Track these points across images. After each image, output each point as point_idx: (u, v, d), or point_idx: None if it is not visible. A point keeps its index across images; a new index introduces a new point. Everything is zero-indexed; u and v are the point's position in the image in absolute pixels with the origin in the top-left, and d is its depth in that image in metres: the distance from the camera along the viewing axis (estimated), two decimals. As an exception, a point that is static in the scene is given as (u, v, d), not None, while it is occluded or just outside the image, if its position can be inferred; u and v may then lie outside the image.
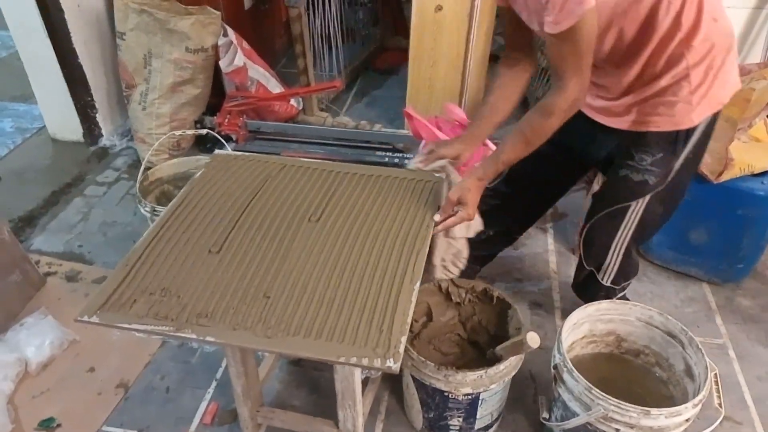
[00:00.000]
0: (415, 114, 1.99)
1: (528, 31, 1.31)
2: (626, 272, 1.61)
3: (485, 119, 1.43)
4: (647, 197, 1.38)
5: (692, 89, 1.26)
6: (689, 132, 1.31)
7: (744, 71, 1.88)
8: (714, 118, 1.33)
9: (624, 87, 1.32)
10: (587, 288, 1.70)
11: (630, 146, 1.35)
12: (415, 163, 1.49)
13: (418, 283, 1.13)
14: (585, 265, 1.62)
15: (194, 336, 1.04)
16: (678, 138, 1.31)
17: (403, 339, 1.02)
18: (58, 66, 2.57)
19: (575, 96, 1.20)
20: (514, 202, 1.68)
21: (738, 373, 1.73)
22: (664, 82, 1.27)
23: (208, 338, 1.04)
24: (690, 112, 1.28)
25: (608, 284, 1.60)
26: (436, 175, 1.42)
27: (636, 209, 1.41)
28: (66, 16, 2.46)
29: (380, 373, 1.52)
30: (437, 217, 1.30)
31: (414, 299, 1.09)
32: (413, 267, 1.17)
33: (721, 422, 1.33)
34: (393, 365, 0.98)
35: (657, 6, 1.19)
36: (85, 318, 1.07)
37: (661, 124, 1.30)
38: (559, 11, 1.09)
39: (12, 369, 1.66)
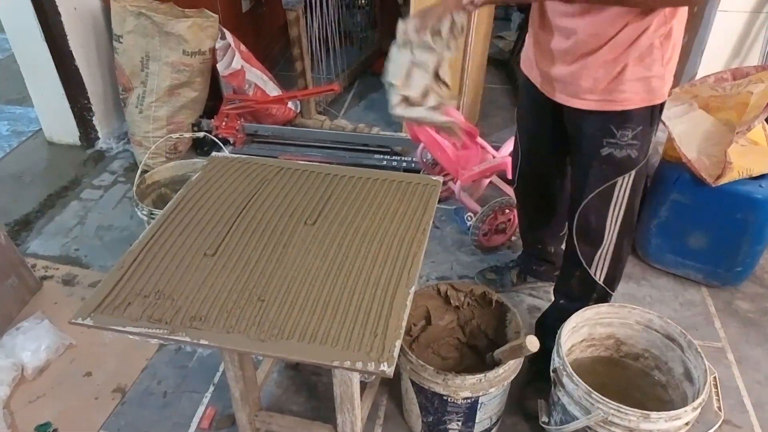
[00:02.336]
0: (412, 117, 1.98)
1: None
2: (615, 270, 1.54)
3: None
4: (632, 172, 1.38)
5: (664, 63, 1.27)
6: (662, 106, 1.34)
7: (742, 74, 1.88)
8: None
9: (606, 40, 1.26)
10: (573, 297, 1.60)
11: (610, 124, 1.35)
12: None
13: (413, 288, 1.12)
14: (579, 254, 1.52)
15: (188, 339, 1.04)
16: (654, 111, 1.33)
17: (398, 343, 1.01)
18: (54, 69, 2.57)
19: None
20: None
21: (737, 377, 1.73)
22: (640, 47, 1.24)
23: (202, 341, 1.03)
24: (663, 87, 1.30)
25: (601, 282, 1.53)
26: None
27: (623, 186, 1.40)
28: (63, 19, 2.46)
29: (377, 377, 1.52)
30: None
31: (409, 303, 1.09)
32: (408, 271, 1.16)
33: (720, 426, 1.33)
34: (387, 369, 0.97)
35: None
36: (79, 320, 1.07)
37: (639, 100, 1.30)
38: None
39: (8, 373, 1.65)
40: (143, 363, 1.75)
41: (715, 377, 1.35)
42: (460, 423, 1.42)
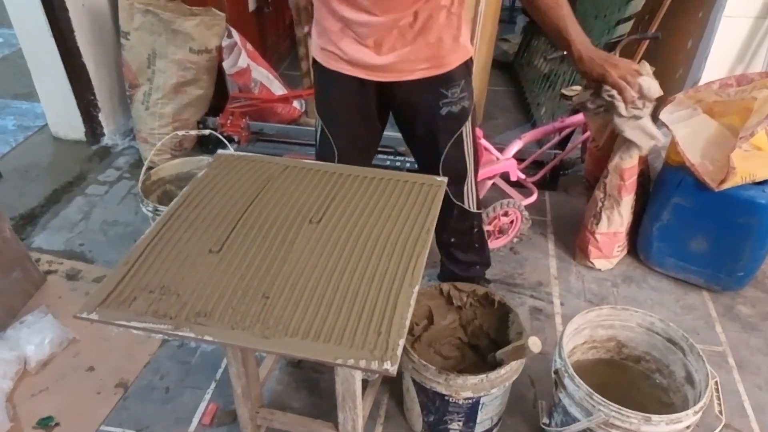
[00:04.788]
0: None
1: None
2: (477, 194, 1.76)
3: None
4: (470, 119, 1.58)
5: (459, 26, 1.44)
6: (471, 58, 1.53)
7: (746, 80, 1.89)
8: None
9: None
10: (460, 233, 1.80)
11: (439, 87, 1.48)
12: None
13: (417, 287, 1.13)
14: (455, 200, 1.70)
15: (193, 335, 1.04)
16: (468, 64, 1.52)
17: (401, 342, 1.01)
18: (61, 64, 2.58)
19: None
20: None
21: (737, 381, 1.73)
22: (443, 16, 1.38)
23: (207, 337, 1.03)
24: (468, 43, 1.49)
25: (475, 210, 1.75)
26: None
27: (467, 131, 1.60)
28: (70, 15, 2.47)
29: (379, 375, 1.52)
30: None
31: (413, 302, 1.09)
32: (413, 270, 1.16)
33: (721, 430, 1.33)
34: (390, 368, 0.97)
35: None
36: (85, 315, 1.07)
37: (458, 58, 1.47)
38: None
39: (11, 367, 1.66)
40: (146, 358, 1.76)
41: (716, 381, 1.36)
42: (461, 423, 1.43)
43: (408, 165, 2.52)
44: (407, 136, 1.68)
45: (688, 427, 1.27)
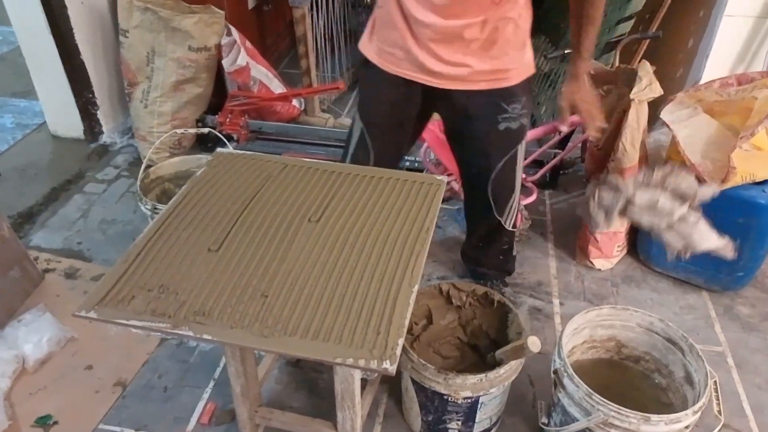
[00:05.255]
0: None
1: None
2: (516, 212, 1.77)
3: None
4: (525, 136, 1.57)
5: (525, 41, 1.42)
6: (533, 76, 1.50)
7: (747, 80, 1.88)
8: None
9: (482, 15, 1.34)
10: (490, 243, 1.83)
11: (500, 100, 1.46)
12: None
13: (416, 286, 1.12)
14: (497, 215, 1.70)
15: (191, 333, 1.04)
16: (529, 81, 1.49)
17: (400, 341, 1.01)
18: (60, 62, 2.57)
19: None
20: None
21: (737, 382, 1.73)
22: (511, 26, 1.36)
23: (205, 336, 1.03)
24: (531, 60, 1.46)
25: (510, 228, 1.76)
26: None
27: (522, 150, 1.58)
28: (69, 13, 2.46)
29: (378, 375, 1.52)
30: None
31: (412, 302, 1.09)
32: (412, 269, 1.16)
33: (720, 430, 1.33)
34: (389, 367, 0.97)
35: None
36: (83, 313, 1.07)
37: (520, 74, 1.45)
38: None
39: (9, 365, 1.65)
40: (144, 357, 1.76)
41: (715, 381, 1.35)
42: (460, 422, 1.42)
43: (407, 164, 2.51)
44: (456, 147, 1.66)
45: (687, 427, 1.27)
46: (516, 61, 1.42)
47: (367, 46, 1.51)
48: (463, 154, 1.66)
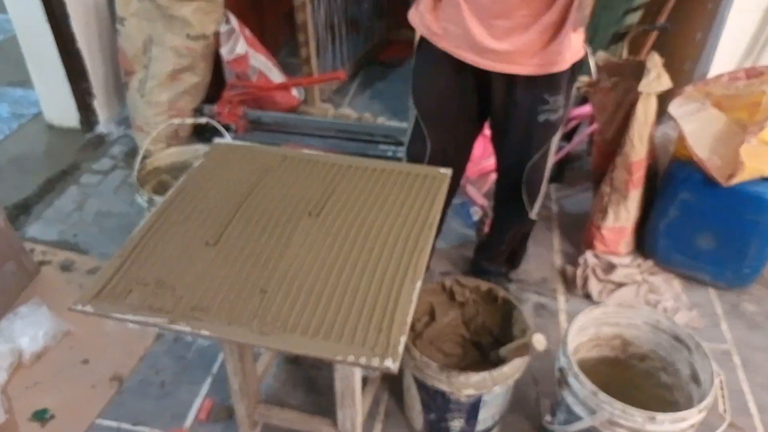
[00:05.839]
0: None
1: None
2: (541, 202, 1.73)
3: None
4: (561, 127, 1.53)
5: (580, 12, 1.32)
6: (579, 62, 1.43)
7: (755, 73, 1.85)
8: None
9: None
10: (513, 233, 1.81)
11: (542, 91, 1.41)
12: None
13: (419, 282, 1.10)
14: (526, 207, 1.67)
15: (189, 329, 1.01)
16: (574, 69, 1.41)
17: (403, 338, 0.99)
18: (56, 51, 2.53)
19: None
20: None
21: (742, 380, 1.71)
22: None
23: (203, 332, 1.01)
24: (580, 42, 1.37)
25: (535, 218, 1.72)
26: None
27: (556, 139, 1.54)
28: (65, 0, 2.42)
29: (379, 372, 1.50)
30: None
31: (415, 298, 1.06)
32: (415, 265, 1.13)
33: (724, 429, 1.31)
34: (392, 365, 0.95)
35: None
36: (80, 307, 1.05)
37: (571, 57, 1.37)
38: None
39: (6, 359, 1.63)
40: (141, 352, 1.73)
41: (721, 380, 1.33)
42: (462, 421, 1.40)
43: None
44: (495, 137, 1.61)
45: (692, 426, 1.25)
46: (568, 42, 1.32)
47: (421, 22, 1.43)
48: (502, 144, 1.61)
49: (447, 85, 1.48)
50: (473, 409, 1.37)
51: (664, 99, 1.88)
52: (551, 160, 1.60)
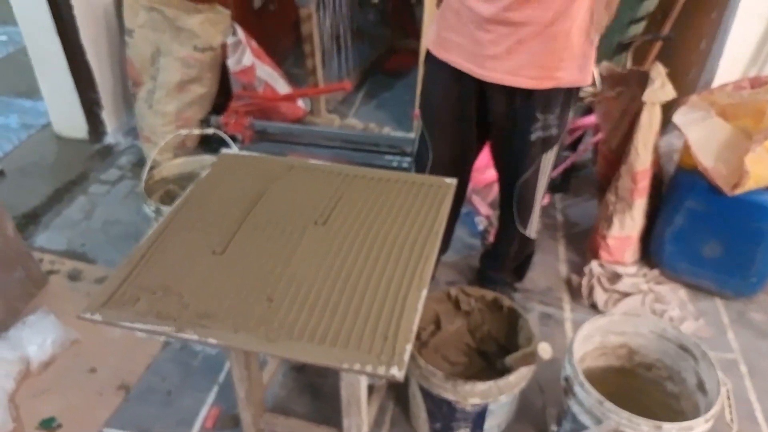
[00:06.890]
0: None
1: None
2: (538, 221, 1.74)
3: None
4: (555, 146, 1.52)
5: (591, 42, 1.34)
6: (578, 89, 1.43)
7: (760, 82, 1.85)
8: None
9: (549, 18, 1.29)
10: (510, 249, 1.79)
11: (535, 110, 1.41)
12: None
13: (425, 291, 1.10)
14: (518, 225, 1.68)
15: (196, 337, 1.02)
16: (571, 92, 1.41)
17: (409, 347, 0.99)
18: (65, 62, 2.56)
19: None
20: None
21: (749, 389, 1.70)
22: (575, 27, 1.30)
23: (210, 340, 1.01)
24: (586, 70, 1.37)
25: (533, 237, 1.74)
26: None
27: (548, 157, 1.54)
28: (75, 12, 2.45)
29: (385, 381, 1.50)
30: None
31: (421, 307, 1.07)
32: (420, 273, 1.14)
33: (732, 438, 1.30)
34: (397, 373, 0.95)
35: None
36: (88, 315, 1.06)
37: (564, 79, 1.36)
38: None
39: (14, 367, 1.64)
40: (148, 360, 1.74)
41: (728, 389, 1.33)
42: (468, 430, 1.40)
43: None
44: (493, 147, 1.63)
45: (699, 436, 1.24)
46: (569, 64, 1.34)
47: (430, 36, 1.47)
48: (496, 157, 1.64)
49: (447, 95, 1.50)
50: (479, 418, 1.37)
51: (668, 108, 1.89)
52: (544, 179, 1.59)
